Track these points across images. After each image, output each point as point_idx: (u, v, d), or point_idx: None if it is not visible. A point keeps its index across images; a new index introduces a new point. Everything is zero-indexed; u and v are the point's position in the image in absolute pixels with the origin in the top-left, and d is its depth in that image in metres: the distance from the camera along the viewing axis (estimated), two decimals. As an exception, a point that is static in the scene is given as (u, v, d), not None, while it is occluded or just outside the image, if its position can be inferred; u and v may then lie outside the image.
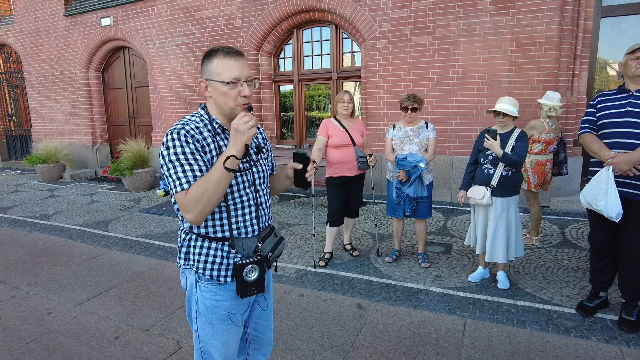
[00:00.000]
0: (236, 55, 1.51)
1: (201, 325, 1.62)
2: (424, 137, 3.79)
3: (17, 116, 11.51)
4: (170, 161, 1.44)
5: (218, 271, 1.57)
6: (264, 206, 1.70)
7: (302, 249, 4.48)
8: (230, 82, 1.48)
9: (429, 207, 3.89)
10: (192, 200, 1.41)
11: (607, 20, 5.50)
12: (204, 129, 1.51)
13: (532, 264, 3.86)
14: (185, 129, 1.46)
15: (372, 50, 6.41)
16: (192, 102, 8.25)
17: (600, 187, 2.68)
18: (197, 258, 1.57)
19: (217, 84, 1.50)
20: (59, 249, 4.77)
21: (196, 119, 1.54)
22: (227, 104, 1.52)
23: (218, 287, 1.59)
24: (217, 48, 1.53)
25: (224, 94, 1.50)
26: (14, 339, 2.98)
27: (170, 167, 1.44)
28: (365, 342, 2.78)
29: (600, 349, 2.61)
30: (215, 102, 1.55)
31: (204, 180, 1.42)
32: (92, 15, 9.07)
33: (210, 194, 1.41)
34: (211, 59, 1.51)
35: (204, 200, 1.41)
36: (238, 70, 1.49)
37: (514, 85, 5.56)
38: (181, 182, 1.43)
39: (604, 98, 2.88)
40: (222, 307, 1.60)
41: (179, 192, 1.44)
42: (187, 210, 1.43)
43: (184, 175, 1.43)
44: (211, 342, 1.63)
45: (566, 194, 5.66)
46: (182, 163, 1.43)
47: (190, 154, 1.44)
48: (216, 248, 1.58)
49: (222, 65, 1.49)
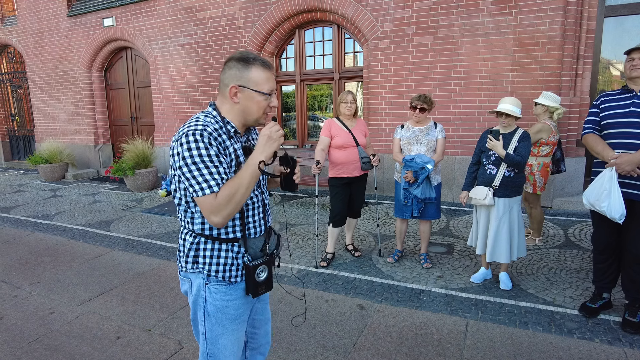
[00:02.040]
0: (271, 68, 1.58)
1: (210, 327, 1.62)
2: (432, 138, 3.76)
3: (20, 116, 11.55)
4: (194, 163, 1.41)
5: (230, 272, 1.59)
6: (268, 206, 1.76)
7: (304, 249, 4.48)
8: (268, 94, 1.54)
9: (437, 208, 3.86)
10: (223, 203, 1.42)
11: (610, 20, 5.48)
12: (221, 131, 1.51)
13: (535, 265, 3.85)
14: (208, 131, 1.44)
15: (375, 51, 6.40)
16: (194, 102, 8.26)
17: (604, 188, 2.67)
18: (208, 261, 1.58)
19: (255, 93, 1.53)
20: (61, 249, 4.78)
21: (211, 120, 1.52)
22: (258, 113, 1.56)
23: (228, 287, 1.60)
24: (253, 56, 1.54)
25: (257, 103, 1.54)
26: (16, 338, 2.98)
27: (193, 169, 1.41)
28: (367, 343, 2.77)
29: (604, 351, 2.59)
30: (243, 108, 1.56)
31: (235, 183, 1.44)
32: (94, 16, 9.09)
33: (241, 197, 1.44)
34: (249, 67, 1.52)
35: (234, 202, 1.43)
36: (272, 82, 1.57)
37: (517, 86, 5.54)
38: (210, 184, 1.41)
39: (608, 98, 2.86)
40: (232, 306, 1.62)
41: (207, 194, 1.42)
42: (216, 212, 1.43)
43: (212, 177, 1.42)
44: (221, 342, 1.63)
45: (569, 194, 5.64)
46: (208, 165, 1.42)
47: (215, 156, 1.44)
48: (226, 249, 1.59)
49: (262, 75, 1.53)
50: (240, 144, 1.60)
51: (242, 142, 1.61)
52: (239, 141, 1.59)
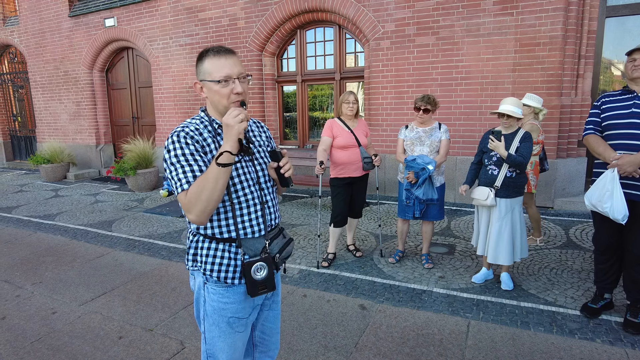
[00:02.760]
0: (226, 53, 1.53)
1: (208, 328, 1.62)
2: (435, 139, 3.76)
3: (21, 116, 11.58)
4: (172, 163, 1.47)
5: (226, 273, 1.57)
6: (270, 204, 1.67)
7: (305, 250, 4.49)
8: (222, 81, 1.51)
9: (440, 210, 3.86)
10: (192, 200, 1.43)
11: (611, 20, 5.47)
12: (204, 130, 1.54)
13: (536, 265, 3.85)
14: (185, 131, 1.49)
15: (376, 51, 6.40)
16: (195, 103, 8.27)
17: (606, 189, 2.66)
18: (204, 260, 1.58)
19: (210, 83, 1.53)
20: (63, 249, 4.79)
21: (196, 121, 1.58)
22: (221, 103, 1.54)
23: (225, 289, 1.59)
24: (208, 49, 1.55)
25: (217, 93, 1.53)
26: (18, 338, 2.99)
27: (172, 169, 1.48)
28: (369, 343, 2.78)
29: (605, 351, 2.59)
30: (211, 101, 1.57)
31: (202, 178, 1.44)
32: (96, 16, 9.11)
33: (210, 192, 1.42)
34: (202, 60, 1.54)
35: (204, 198, 1.42)
36: (229, 68, 1.51)
37: (518, 86, 5.54)
38: (181, 182, 1.46)
39: (609, 99, 2.86)
40: (229, 310, 1.60)
41: (180, 192, 1.46)
42: (188, 210, 1.45)
43: (184, 176, 1.46)
44: (218, 345, 1.62)
45: (570, 194, 5.63)
46: (183, 164, 1.46)
47: (190, 155, 1.47)
48: (223, 249, 1.58)
49: (213, 64, 1.51)
50: None
51: None
52: None
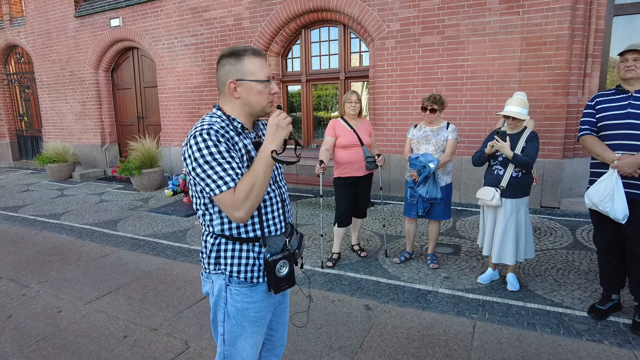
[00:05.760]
0: (263, 55, 1.55)
1: (229, 329, 1.61)
2: (441, 138, 3.73)
3: (28, 116, 11.66)
4: (207, 162, 1.41)
5: (251, 272, 1.58)
6: (287, 202, 1.71)
7: (310, 250, 4.48)
8: (265, 81, 1.52)
9: (445, 209, 3.83)
10: (242, 197, 1.41)
11: (619, 18, 5.42)
12: (228, 128, 1.50)
13: (543, 266, 3.81)
14: (214, 129, 1.44)
15: (380, 50, 6.38)
16: (200, 102, 8.28)
17: (607, 189, 2.65)
18: (229, 262, 1.57)
19: (253, 83, 1.51)
20: (68, 248, 4.81)
21: (216, 119, 1.51)
22: (260, 103, 1.54)
23: (249, 288, 1.59)
24: (243, 48, 1.53)
25: (259, 93, 1.52)
26: (24, 337, 3.01)
27: (207, 168, 1.41)
28: (374, 344, 2.76)
29: (613, 353, 2.56)
30: (246, 102, 1.54)
31: (251, 175, 1.43)
32: (101, 16, 9.15)
33: (259, 189, 1.43)
34: (241, 59, 1.51)
35: (254, 195, 1.42)
36: (267, 69, 1.53)
37: (524, 85, 5.50)
38: (225, 180, 1.41)
39: (603, 99, 2.83)
40: (253, 308, 1.60)
41: (224, 191, 1.41)
42: (236, 208, 1.42)
43: (226, 174, 1.41)
44: (239, 344, 1.62)
45: (577, 195, 5.58)
46: (221, 162, 1.41)
47: (226, 152, 1.43)
48: (247, 250, 1.57)
49: (255, 64, 1.51)
50: (250, 140, 1.58)
51: (251, 138, 1.59)
52: (248, 137, 1.57)
